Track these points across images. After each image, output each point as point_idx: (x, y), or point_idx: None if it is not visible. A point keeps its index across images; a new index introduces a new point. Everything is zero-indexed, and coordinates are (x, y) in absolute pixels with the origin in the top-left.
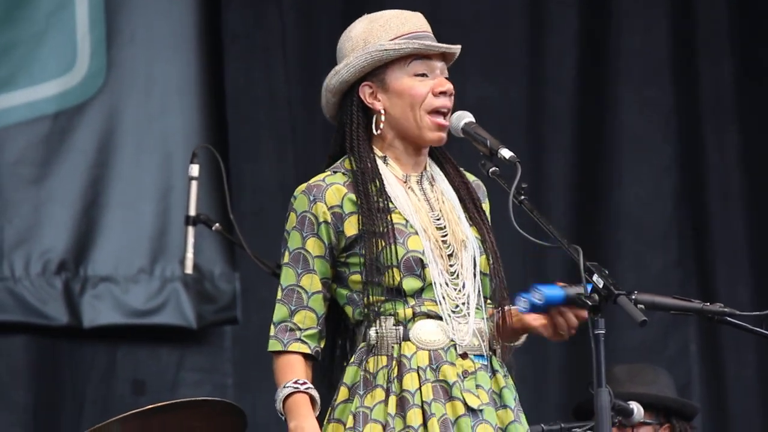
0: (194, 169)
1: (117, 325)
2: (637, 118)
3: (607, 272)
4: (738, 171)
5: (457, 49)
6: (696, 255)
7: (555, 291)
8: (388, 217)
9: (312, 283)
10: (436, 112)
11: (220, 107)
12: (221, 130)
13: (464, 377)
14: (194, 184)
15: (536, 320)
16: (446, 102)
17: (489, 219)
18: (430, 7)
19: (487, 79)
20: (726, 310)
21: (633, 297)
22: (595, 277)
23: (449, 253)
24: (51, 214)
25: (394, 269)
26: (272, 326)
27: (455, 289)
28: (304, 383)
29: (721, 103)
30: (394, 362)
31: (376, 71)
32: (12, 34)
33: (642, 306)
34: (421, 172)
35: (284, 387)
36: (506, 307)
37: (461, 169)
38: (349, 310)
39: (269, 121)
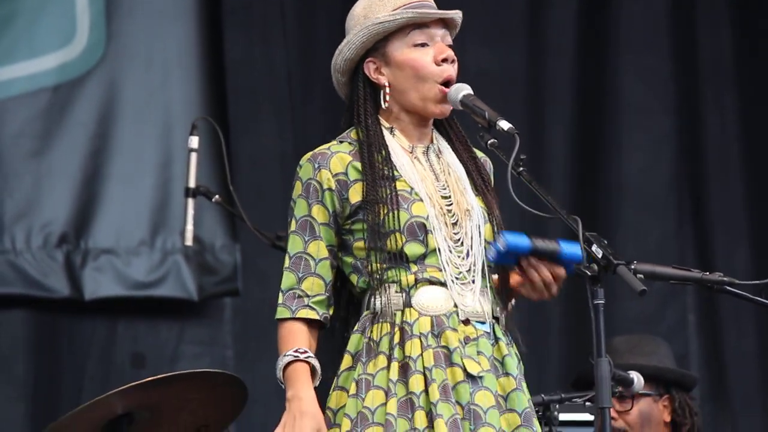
0: (194, 141)
1: (119, 297)
2: (636, 87)
3: (606, 242)
4: (737, 140)
5: (454, 14)
6: (695, 224)
7: (520, 239)
8: (393, 185)
9: (319, 249)
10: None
11: (220, 79)
12: (221, 102)
13: (466, 343)
14: (194, 156)
15: (513, 279)
16: (451, 70)
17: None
18: None
19: (487, 48)
20: (725, 279)
21: (632, 267)
22: (594, 247)
23: (454, 221)
24: (52, 186)
25: (397, 234)
26: (280, 294)
27: (459, 257)
28: (305, 352)
29: (720, 71)
30: (397, 329)
31: (378, 46)
32: (12, 6)
33: (641, 276)
34: (428, 145)
35: (285, 355)
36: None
37: (470, 144)
38: (354, 278)
39: (268, 93)
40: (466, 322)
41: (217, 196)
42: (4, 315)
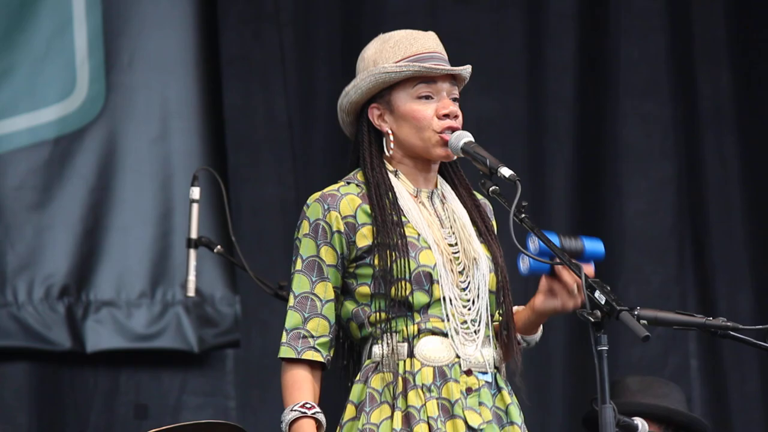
0: (195, 192)
1: (119, 350)
2: (637, 132)
3: (609, 288)
4: (738, 183)
5: (462, 70)
6: (696, 268)
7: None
8: (401, 231)
9: (326, 291)
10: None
11: (220, 128)
12: (221, 151)
13: (467, 394)
14: (195, 206)
15: (540, 301)
16: (451, 123)
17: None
18: (428, 22)
19: (487, 95)
20: (729, 324)
21: (635, 313)
22: (597, 294)
23: (460, 269)
24: (53, 238)
25: (405, 282)
26: (284, 333)
27: (465, 306)
28: (312, 407)
29: (720, 115)
30: (400, 378)
31: (383, 93)
32: (12, 59)
33: (644, 321)
34: (432, 190)
35: (291, 410)
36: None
37: (472, 189)
38: (353, 326)
39: (269, 141)
40: (468, 372)
41: (218, 247)
42: (6, 367)
